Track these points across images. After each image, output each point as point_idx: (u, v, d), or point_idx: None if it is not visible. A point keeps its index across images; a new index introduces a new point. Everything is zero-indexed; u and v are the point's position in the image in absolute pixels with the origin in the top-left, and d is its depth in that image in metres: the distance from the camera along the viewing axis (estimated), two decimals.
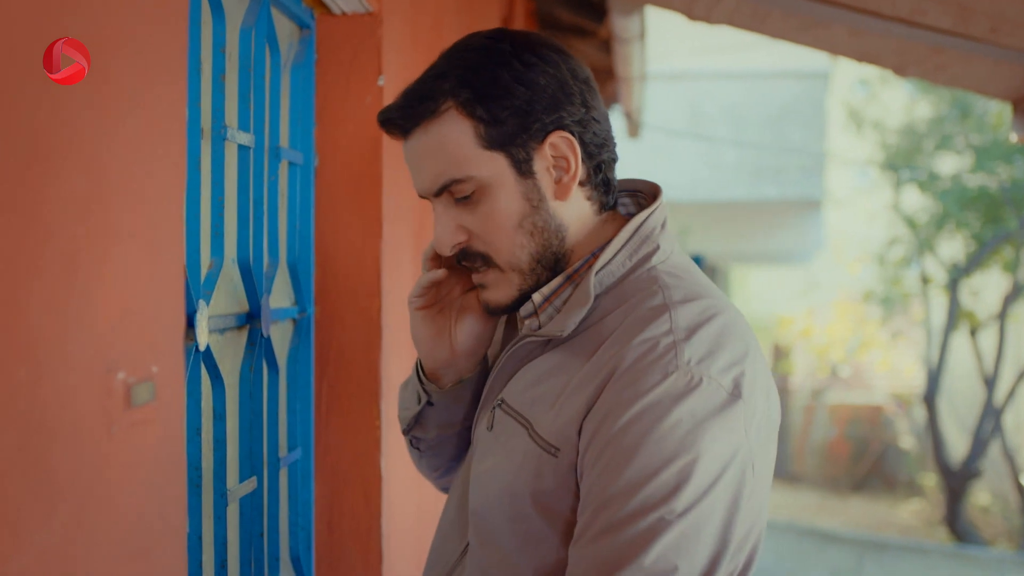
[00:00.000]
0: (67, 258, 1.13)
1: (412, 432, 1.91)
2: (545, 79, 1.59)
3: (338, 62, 2.58)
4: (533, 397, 1.62)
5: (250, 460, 2.12)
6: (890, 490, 17.96)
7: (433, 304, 1.80)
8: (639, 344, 1.51)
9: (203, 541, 1.89)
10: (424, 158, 1.61)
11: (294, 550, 2.48)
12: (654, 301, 1.57)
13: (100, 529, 1.19)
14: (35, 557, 1.05)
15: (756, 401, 1.53)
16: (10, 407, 1.02)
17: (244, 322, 2.14)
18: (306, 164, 2.51)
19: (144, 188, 1.33)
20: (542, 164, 1.61)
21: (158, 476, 1.34)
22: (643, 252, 1.64)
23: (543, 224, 1.62)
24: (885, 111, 16.15)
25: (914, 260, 15.73)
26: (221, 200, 1.97)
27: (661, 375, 1.47)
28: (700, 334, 1.52)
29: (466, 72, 1.58)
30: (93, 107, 1.22)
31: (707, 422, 1.46)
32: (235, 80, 2.11)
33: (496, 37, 1.62)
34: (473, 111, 1.57)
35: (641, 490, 1.43)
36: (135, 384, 1.24)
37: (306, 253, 2.52)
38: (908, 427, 18.60)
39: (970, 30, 3.55)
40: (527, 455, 1.58)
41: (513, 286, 1.66)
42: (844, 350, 20.57)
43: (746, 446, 1.50)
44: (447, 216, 1.64)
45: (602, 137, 1.66)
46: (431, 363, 1.82)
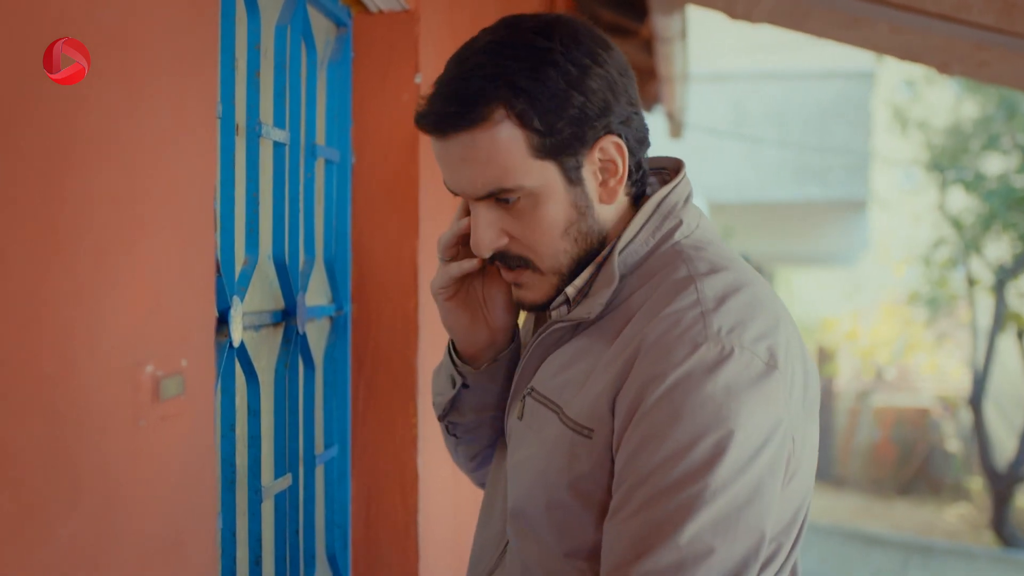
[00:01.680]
0: (96, 250, 1.13)
1: (448, 417, 1.88)
2: (597, 82, 1.53)
3: (375, 60, 2.58)
4: (562, 381, 1.60)
5: (285, 457, 2.12)
6: (936, 494, 17.81)
7: (460, 291, 1.77)
8: (666, 317, 1.49)
9: (237, 537, 1.89)
10: (468, 162, 1.53)
11: (330, 548, 2.48)
12: (679, 274, 1.55)
13: (128, 522, 1.19)
14: (62, 548, 1.06)
15: (793, 370, 1.50)
16: (37, 398, 1.02)
17: (280, 319, 2.14)
18: (343, 162, 2.51)
19: (174, 182, 1.33)
20: (590, 169, 1.57)
21: (187, 471, 1.34)
22: (666, 228, 1.62)
23: (587, 229, 1.59)
24: (930, 111, 16.02)
25: (960, 261, 15.59)
26: (256, 196, 1.97)
27: (691, 346, 1.44)
28: (728, 304, 1.50)
29: (518, 76, 1.49)
30: (122, 100, 1.22)
31: (743, 393, 1.43)
32: (271, 77, 2.11)
33: (543, 33, 1.52)
34: (529, 122, 1.50)
35: (676, 465, 1.41)
36: (164, 378, 1.24)
37: (343, 251, 2.52)
38: (954, 430, 18.45)
39: (1014, 26, 3.51)
40: (559, 440, 1.56)
41: (551, 286, 1.63)
42: (889, 352, 20.44)
43: (787, 419, 1.47)
44: (488, 218, 1.58)
45: (642, 131, 1.63)
46: (471, 347, 1.79)
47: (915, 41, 4.29)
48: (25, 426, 1.00)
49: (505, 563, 1.69)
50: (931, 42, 4.23)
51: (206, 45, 1.48)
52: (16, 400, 0.99)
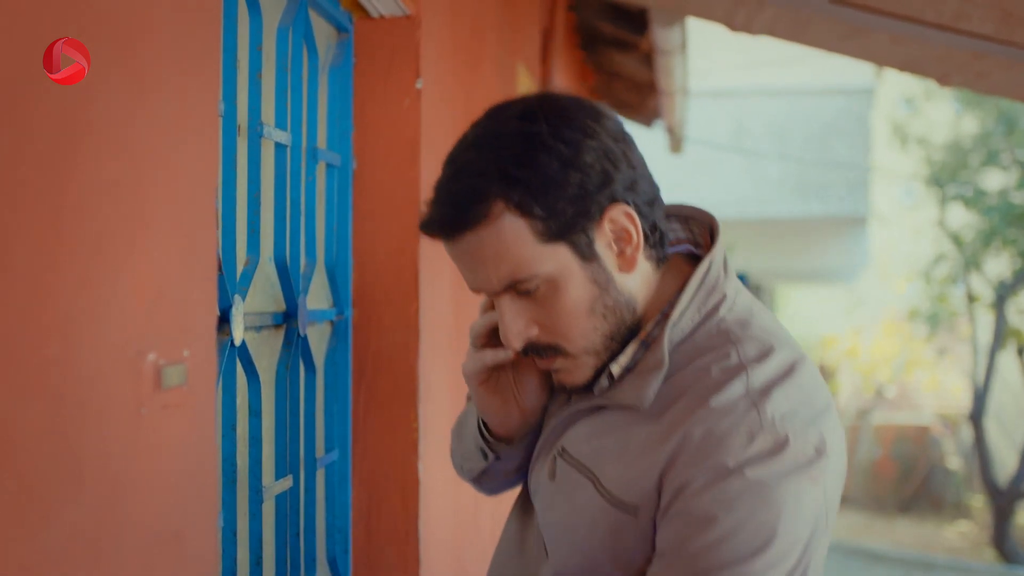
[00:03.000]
0: (99, 239, 1.14)
1: (479, 480, 1.89)
2: (591, 155, 1.49)
3: (376, 65, 2.58)
4: (597, 449, 1.59)
5: (286, 458, 2.12)
6: (937, 511, 17.80)
7: (491, 376, 1.75)
8: (720, 407, 1.48)
9: (238, 537, 1.89)
10: (480, 262, 1.52)
11: (331, 552, 2.48)
12: (729, 362, 1.53)
13: (130, 510, 1.19)
14: (64, 533, 1.05)
15: (836, 455, 1.52)
16: (40, 382, 1.02)
17: (281, 321, 2.15)
18: (344, 166, 2.51)
19: (177, 176, 1.33)
20: (603, 241, 1.53)
21: (189, 462, 1.34)
22: (711, 303, 1.60)
23: (613, 303, 1.56)
24: (930, 127, 16.05)
25: (960, 278, 15.60)
26: (257, 197, 1.97)
27: (747, 437, 1.45)
28: (779, 391, 1.50)
29: (510, 167, 1.46)
30: (125, 96, 1.23)
31: (794, 481, 1.45)
32: (272, 78, 2.12)
33: (528, 117, 1.49)
34: (529, 210, 1.46)
35: (723, 547, 1.42)
36: (165, 366, 1.25)
37: (344, 255, 2.52)
38: (955, 447, 18.44)
39: (1013, 36, 3.52)
40: (601, 513, 1.55)
41: (588, 367, 1.60)
42: (890, 370, 20.44)
43: (823, 502, 1.49)
44: (513, 311, 1.56)
45: (651, 192, 1.58)
46: (504, 430, 1.79)
47: (915, 52, 4.30)
48: (28, 409, 1.00)
49: None
50: (931, 53, 4.24)
51: (209, 44, 1.49)
52: (19, 383, 0.99)
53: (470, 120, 1.52)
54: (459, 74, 3.05)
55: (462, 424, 1.92)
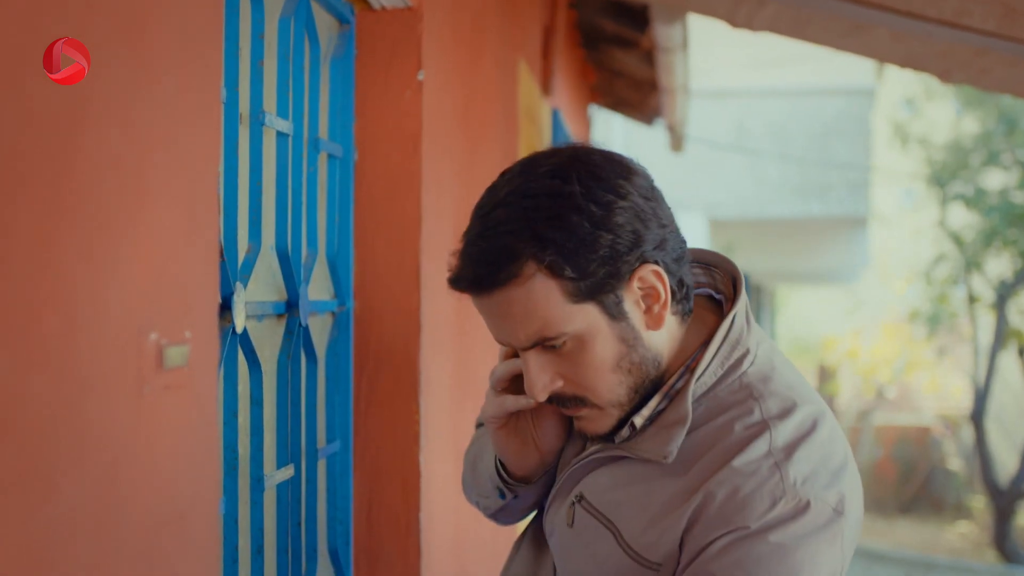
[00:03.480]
0: (101, 216, 1.13)
1: (496, 517, 1.92)
2: (623, 216, 1.50)
3: (378, 56, 2.58)
4: (617, 500, 1.61)
5: (288, 448, 2.12)
6: (937, 512, 17.81)
7: (511, 419, 1.76)
8: (743, 467, 1.51)
9: (239, 525, 1.89)
10: (509, 318, 1.53)
11: (332, 543, 2.47)
12: (752, 419, 1.55)
13: (132, 488, 1.19)
14: (66, 507, 1.05)
15: (854, 513, 1.54)
16: (41, 356, 1.02)
17: (282, 311, 2.15)
18: (345, 157, 2.51)
19: (177, 156, 1.33)
20: (631, 299, 1.54)
21: (191, 444, 1.34)
22: (734, 358, 1.61)
23: (640, 359, 1.57)
24: (930, 127, 16.06)
25: (960, 278, 15.61)
26: (259, 185, 1.97)
27: (770, 501, 1.48)
28: (801, 451, 1.52)
29: (542, 228, 1.47)
30: (128, 80, 1.23)
31: (813, 544, 1.48)
32: (274, 67, 2.12)
33: (560, 176, 1.50)
34: (560, 271, 1.47)
35: None
36: (167, 346, 1.25)
37: (345, 247, 2.52)
38: (956, 448, 18.44)
39: (1015, 32, 3.52)
40: (622, 566, 1.58)
41: (612, 418, 1.61)
42: (890, 371, 20.44)
43: (840, 559, 1.52)
44: (539, 364, 1.57)
45: (678, 249, 1.59)
46: (521, 470, 1.80)
47: (916, 48, 4.30)
48: (29, 383, 1.00)
49: None
50: (932, 49, 4.24)
51: (211, 30, 1.49)
52: (19, 356, 0.99)
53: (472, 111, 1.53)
54: (460, 68, 3.05)
55: (477, 458, 1.93)
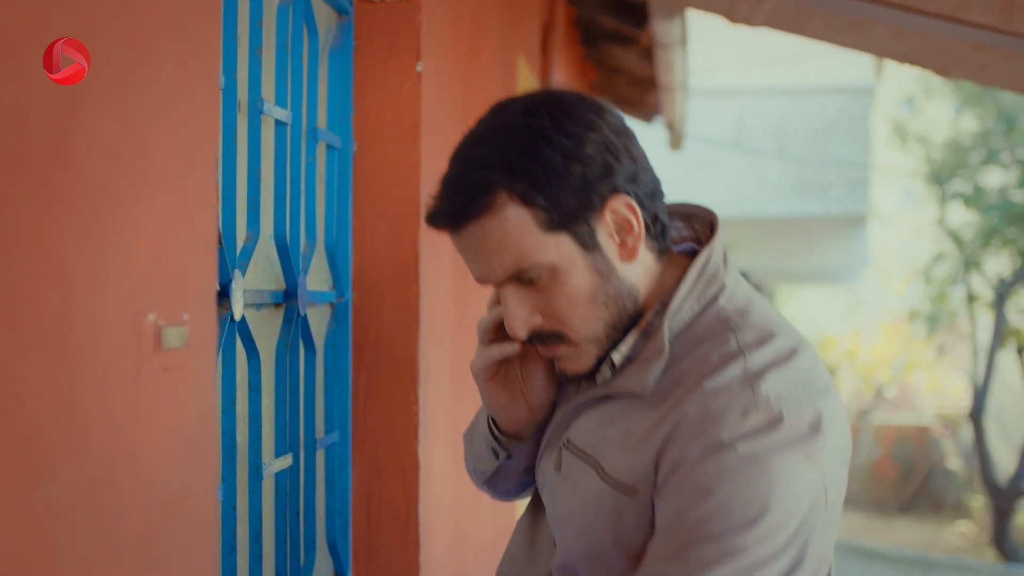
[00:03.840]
0: (99, 194, 1.13)
1: (492, 482, 1.92)
2: (592, 147, 1.53)
3: (377, 48, 2.58)
4: (601, 438, 1.62)
5: (286, 437, 2.12)
6: (937, 512, 17.80)
7: (499, 371, 1.78)
8: (717, 386, 1.52)
9: (238, 512, 1.89)
10: (484, 251, 1.56)
11: (331, 535, 2.47)
12: (728, 347, 1.56)
13: (131, 469, 1.19)
14: (65, 487, 1.05)
15: (834, 435, 1.53)
16: (39, 333, 1.02)
17: (281, 300, 2.14)
18: (344, 148, 2.51)
19: (176, 138, 1.33)
20: (605, 232, 1.57)
21: (190, 426, 1.34)
22: (710, 293, 1.62)
23: (615, 292, 1.59)
24: (930, 125, 16.06)
25: (960, 277, 15.61)
26: (257, 173, 1.97)
27: (741, 413, 1.48)
28: (776, 372, 1.53)
29: (513, 159, 1.51)
30: (128, 57, 1.22)
31: (786, 457, 1.47)
32: (272, 56, 2.12)
33: (530, 112, 1.55)
34: (533, 200, 1.51)
35: (716, 520, 1.45)
36: (166, 327, 1.24)
37: (344, 238, 2.52)
38: (955, 448, 18.44)
39: (1014, 26, 3.52)
40: (603, 497, 1.58)
41: (591, 355, 1.63)
42: (890, 370, 20.44)
43: (820, 479, 1.51)
44: (517, 300, 1.59)
45: (652, 185, 1.62)
46: (512, 425, 1.81)
47: (915, 44, 4.30)
48: (27, 360, 1.00)
49: None
50: (931, 45, 4.24)
51: (209, 17, 1.48)
52: (18, 334, 0.99)
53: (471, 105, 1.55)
54: (459, 60, 3.05)
55: (473, 428, 1.95)
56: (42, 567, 1.02)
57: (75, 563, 1.08)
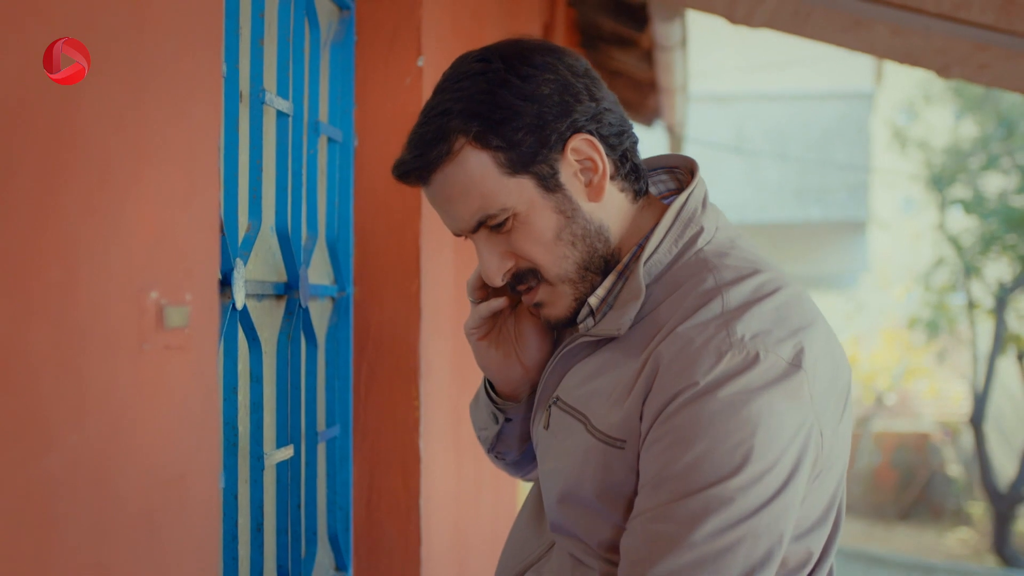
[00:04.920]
0: (102, 168, 1.13)
1: (496, 449, 1.92)
2: (548, 87, 1.55)
3: (378, 43, 2.58)
4: (588, 392, 1.61)
5: (287, 428, 2.12)
6: (937, 518, 17.76)
7: (492, 330, 1.79)
8: (692, 328, 1.50)
9: (239, 501, 1.89)
10: (450, 200, 1.58)
11: (332, 528, 2.47)
12: (705, 285, 1.55)
13: (133, 445, 1.19)
14: (66, 459, 1.05)
15: (819, 368, 1.50)
16: (42, 304, 1.02)
17: (282, 291, 2.15)
18: (345, 142, 2.51)
19: (178, 119, 1.33)
20: (568, 171, 1.58)
21: (191, 407, 1.34)
22: (688, 235, 1.61)
23: (582, 231, 1.59)
24: (929, 130, 16.06)
25: (959, 283, 15.61)
26: (259, 164, 1.97)
27: (716, 355, 1.46)
28: (754, 310, 1.51)
29: (468, 103, 1.54)
30: (129, 48, 1.23)
31: (766, 397, 1.44)
32: (274, 47, 2.12)
33: (485, 58, 1.57)
34: (488, 142, 1.53)
35: (699, 469, 1.43)
36: (168, 306, 1.24)
37: (345, 232, 2.52)
38: (955, 455, 18.41)
39: (1014, 25, 3.52)
40: (589, 451, 1.57)
41: (568, 297, 1.63)
42: (890, 378, 20.42)
43: (811, 416, 1.48)
44: (489, 247, 1.61)
45: (619, 125, 1.62)
46: (507, 386, 1.82)
47: (915, 43, 4.30)
48: (29, 330, 1.00)
49: (552, 556, 1.71)
50: (931, 44, 4.24)
51: (211, 3, 1.48)
52: (20, 303, 0.99)
53: None
54: (460, 54, 3.05)
55: (477, 395, 1.94)
56: (43, 538, 1.02)
57: (76, 536, 1.08)
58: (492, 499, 3.53)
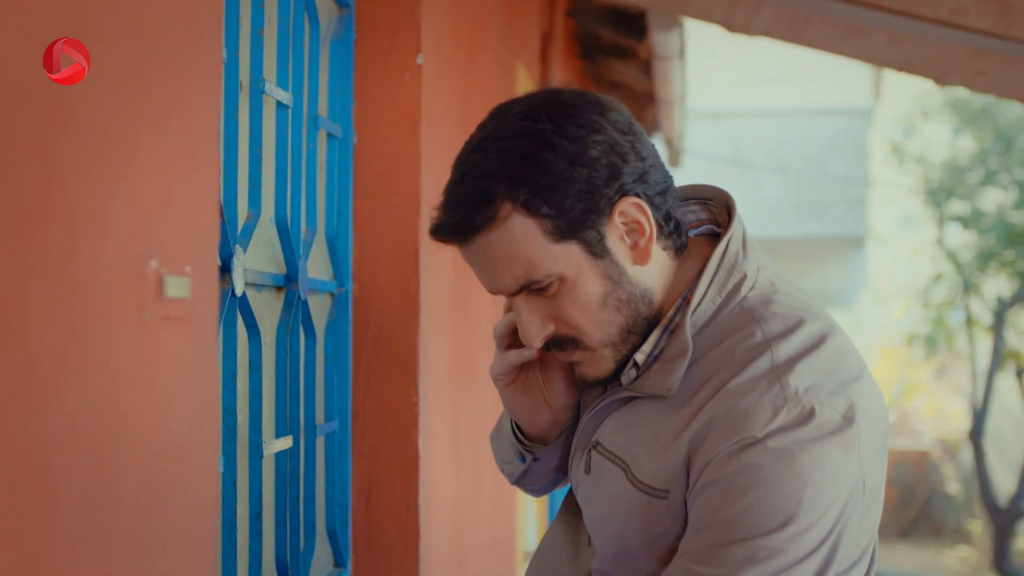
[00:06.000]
0: (103, 132, 1.14)
1: (522, 482, 1.91)
2: (597, 149, 1.49)
3: (377, 40, 2.59)
4: (629, 439, 1.60)
5: (286, 419, 2.12)
6: (937, 536, 17.75)
7: (519, 375, 1.76)
8: (743, 384, 1.49)
9: (238, 487, 1.89)
10: (493, 264, 1.53)
11: (330, 524, 2.47)
12: (753, 340, 1.53)
13: (133, 412, 1.19)
14: (68, 418, 1.05)
15: (868, 420, 1.51)
16: (42, 262, 1.02)
17: (282, 283, 2.15)
18: (345, 138, 2.52)
19: (180, 90, 1.34)
20: (615, 235, 1.53)
21: (191, 381, 1.34)
22: (731, 283, 1.58)
23: (627, 296, 1.55)
24: (928, 145, 16.08)
25: (958, 299, 15.62)
26: (259, 153, 1.98)
27: (772, 410, 1.46)
28: (804, 363, 1.50)
29: (515, 166, 1.48)
30: (131, 17, 1.23)
31: (820, 450, 1.45)
32: (274, 39, 2.13)
33: (531, 116, 1.51)
34: (537, 210, 1.47)
35: (747, 521, 1.44)
36: (168, 275, 1.25)
37: (344, 228, 2.53)
38: (954, 473, 18.40)
39: (1011, 31, 3.53)
40: (633, 500, 1.57)
41: (608, 359, 1.60)
42: (889, 395, 20.43)
43: (857, 470, 1.49)
44: (529, 310, 1.56)
45: (663, 183, 1.57)
46: (535, 429, 1.79)
47: (913, 51, 4.31)
48: (29, 287, 1.00)
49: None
50: (929, 51, 4.25)
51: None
52: (20, 259, 0.99)
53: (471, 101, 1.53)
54: (459, 56, 3.07)
55: (499, 430, 1.92)
56: (43, 493, 1.03)
57: (77, 490, 1.08)
58: (491, 497, 3.53)
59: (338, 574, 2.48)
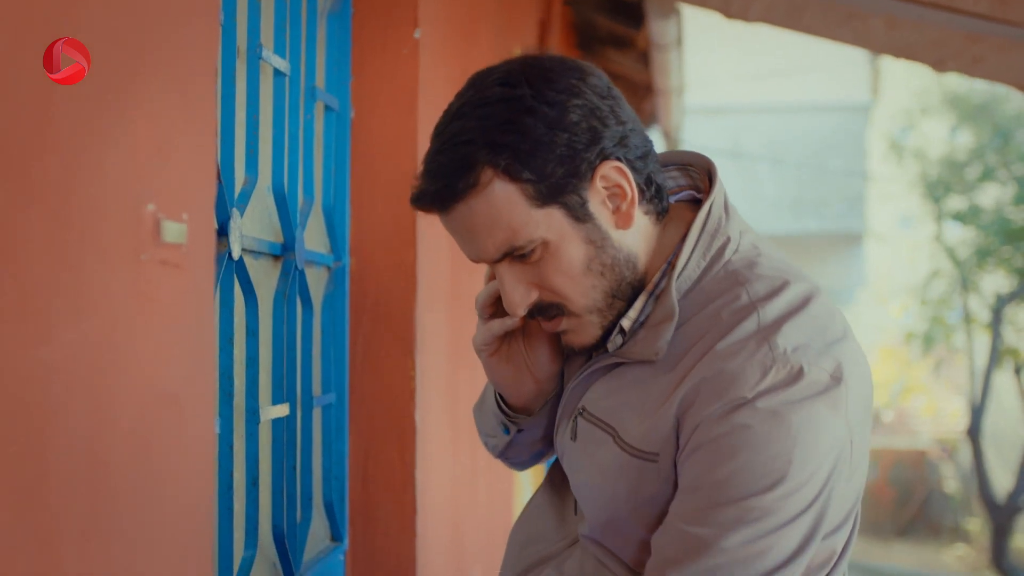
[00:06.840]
0: (100, 85, 1.14)
1: (505, 455, 1.91)
2: (577, 114, 1.49)
3: (375, 14, 2.59)
4: (616, 404, 1.61)
5: (283, 386, 2.12)
6: (935, 535, 17.75)
7: (502, 346, 1.75)
8: (731, 345, 1.49)
9: (234, 451, 1.89)
10: (474, 231, 1.52)
11: (327, 496, 2.47)
12: (739, 302, 1.53)
13: (129, 355, 1.19)
14: (64, 352, 1.06)
15: (854, 380, 1.51)
16: (40, 198, 1.03)
17: (279, 252, 2.15)
18: (342, 111, 2.52)
19: (176, 47, 1.35)
20: (597, 199, 1.53)
21: (188, 328, 1.35)
22: (715, 247, 1.59)
23: (611, 261, 1.56)
24: (926, 141, 16.08)
25: (956, 296, 15.62)
26: (256, 119, 1.98)
27: (761, 370, 1.46)
28: (791, 324, 1.50)
29: (495, 132, 1.47)
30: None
31: (809, 409, 1.45)
32: (271, 6, 2.13)
33: (510, 83, 1.50)
34: (518, 175, 1.47)
35: (737, 482, 1.45)
36: (164, 219, 1.25)
37: (342, 202, 2.53)
38: (953, 471, 18.41)
39: (1008, 14, 3.53)
40: (622, 465, 1.57)
41: (594, 326, 1.59)
42: (887, 395, 20.43)
43: (845, 430, 1.49)
44: (513, 277, 1.56)
45: (643, 146, 1.57)
46: (520, 400, 1.79)
47: (910, 36, 4.32)
48: (27, 223, 1.01)
49: (574, 554, 1.71)
50: (926, 37, 4.26)
51: None
52: (18, 195, 0.99)
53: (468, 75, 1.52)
54: (456, 33, 3.07)
55: (482, 401, 1.92)
56: (42, 426, 1.03)
57: (75, 427, 1.08)
58: (488, 471, 3.53)
59: (335, 548, 2.48)
